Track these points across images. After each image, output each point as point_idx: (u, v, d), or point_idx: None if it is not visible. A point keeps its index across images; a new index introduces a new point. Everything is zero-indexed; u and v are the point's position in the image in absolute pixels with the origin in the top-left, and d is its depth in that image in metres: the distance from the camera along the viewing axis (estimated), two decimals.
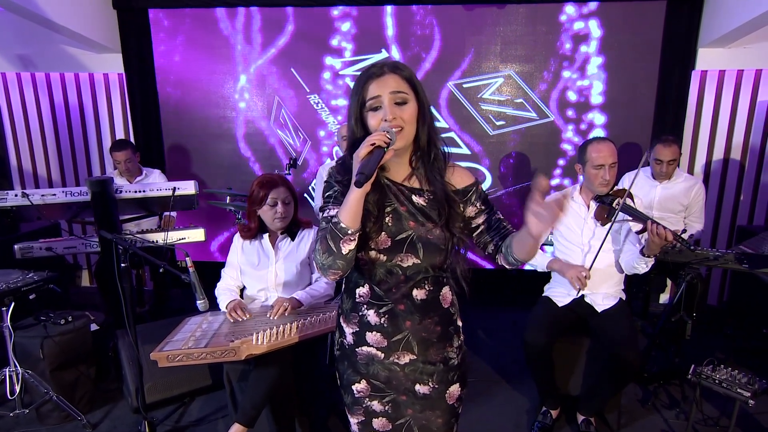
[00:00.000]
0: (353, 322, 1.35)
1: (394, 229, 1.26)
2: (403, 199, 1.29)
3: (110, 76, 4.45)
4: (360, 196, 1.14)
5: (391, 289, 1.29)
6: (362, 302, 1.32)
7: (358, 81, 1.25)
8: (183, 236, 3.21)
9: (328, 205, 1.27)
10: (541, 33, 3.97)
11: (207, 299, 2.10)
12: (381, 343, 1.32)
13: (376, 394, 1.36)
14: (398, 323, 1.30)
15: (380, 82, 1.21)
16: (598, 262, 2.43)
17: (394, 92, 1.21)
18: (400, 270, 1.27)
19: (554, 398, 2.58)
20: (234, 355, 1.92)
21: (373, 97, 1.21)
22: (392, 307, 1.30)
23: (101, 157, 4.63)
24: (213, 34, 4.21)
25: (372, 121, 1.23)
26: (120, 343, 2.77)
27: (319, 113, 4.31)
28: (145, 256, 2.12)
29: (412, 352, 1.32)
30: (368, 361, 1.35)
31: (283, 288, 2.37)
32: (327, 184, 1.32)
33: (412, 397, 1.35)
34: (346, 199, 1.15)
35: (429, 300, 1.31)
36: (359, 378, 1.37)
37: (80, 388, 2.69)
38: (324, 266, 1.21)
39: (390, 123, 1.20)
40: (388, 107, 1.20)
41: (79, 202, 2.93)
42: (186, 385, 2.76)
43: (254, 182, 2.30)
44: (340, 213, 1.16)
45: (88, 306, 3.79)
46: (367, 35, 4.11)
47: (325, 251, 1.19)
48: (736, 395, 2.14)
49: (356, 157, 1.14)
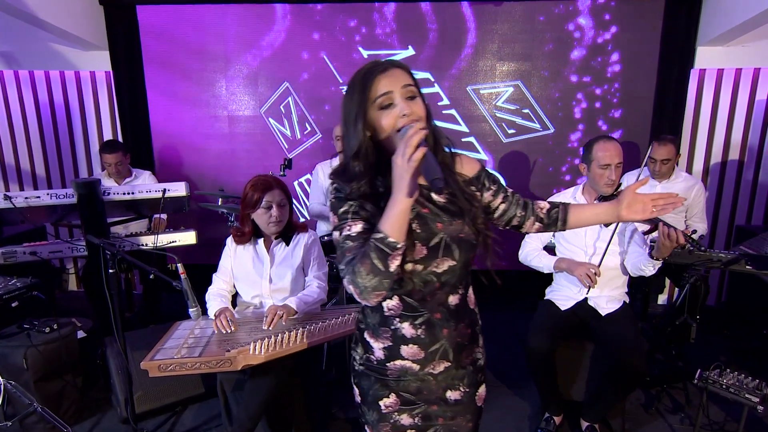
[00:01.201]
0: (384, 337, 1.26)
1: (424, 234, 1.19)
2: (423, 201, 1.22)
3: (97, 74, 4.34)
4: (409, 206, 1.05)
5: (426, 299, 1.22)
6: (393, 315, 1.24)
7: (363, 79, 1.15)
8: (173, 239, 3.13)
9: (345, 222, 1.15)
10: (539, 31, 3.93)
11: (200, 307, 2.02)
12: (417, 355, 1.25)
13: (406, 407, 1.30)
14: (435, 333, 1.24)
15: (389, 76, 1.14)
16: (604, 264, 2.38)
17: (405, 86, 1.14)
18: (435, 277, 1.21)
19: (557, 404, 2.53)
20: (230, 366, 1.84)
21: (383, 93, 1.13)
22: (428, 317, 1.23)
23: (88, 158, 4.51)
24: (204, 30, 4.12)
25: (385, 120, 1.14)
26: (108, 351, 2.68)
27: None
28: (134, 262, 2.03)
29: (448, 359, 1.27)
30: (400, 375, 1.28)
31: (277, 294, 2.29)
32: (337, 199, 1.19)
33: (443, 405, 1.30)
34: (390, 211, 1.06)
35: (461, 304, 1.27)
36: (388, 392, 1.29)
37: (66, 398, 2.60)
38: (366, 289, 1.09)
39: (409, 117, 1.13)
40: (402, 102, 1.13)
41: (65, 205, 2.84)
42: (177, 394, 2.68)
43: (247, 185, 2.22)
44: (384, 227, 1.06)
45: (75, 311, 3.69)
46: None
47: (369, 272, 1.07)
48: (744, 401, 2.10)
49: (400, 162, 1.03)
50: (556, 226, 1.36)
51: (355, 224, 1.14)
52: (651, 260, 2.24)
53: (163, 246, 3.12)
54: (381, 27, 4.04)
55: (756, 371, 2.93)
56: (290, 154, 4.34)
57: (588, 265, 2.38)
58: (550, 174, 4.13)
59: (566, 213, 1.35)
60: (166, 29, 4.12)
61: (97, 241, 2.11)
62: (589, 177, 2.43)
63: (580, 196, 2.52)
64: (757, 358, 3.25)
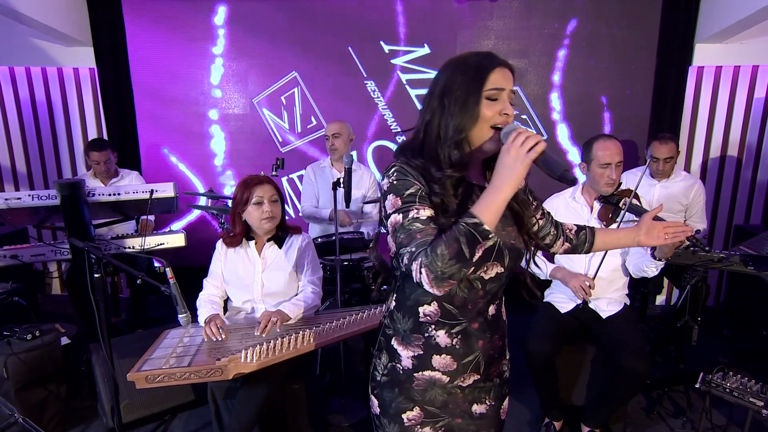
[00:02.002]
0: (415, 345, 1.21)
1: None
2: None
3: (81, 71, 4.26)
4: (510, 195, 1.04)
5: (467, 306, 1.19)
6: (429, 322, 1.20)
7: (481, 63, 1.14)
8: (162, 241, 3.07)
9: (413, 204, 1.09)
10: (535, 28, 3.92)
11: (189, 313, 1.97)
12: (449, 366, 1.21)
13: (429, 420, 1.25)
14: (471, 343, 1.21)
15: (506, 74, 1.14)
16: (603, 266, 2.37)
17: (512, 91, 1.15)
18: (481, 283, 1.18)
19: (557, 409, 2.51)
20: (221, 375, 1.79)
21: (497, 88, 1.12)
22: (466, 326, 1.20)
23: (72, 158, 4.43)
24: (193, 24, 4.05)
25: (489, 110, 1.12)
26: (94, 358, 2.62)
27: (375, 101, 4.13)
28: (120, 266, 1.98)
29: (479, 372, 1.24)
30: (427, 387, 1.23)
31: (269, 299, 2.25)
32: (402, 180, 1.11)
33: (467, 418, 1.27)
34: (491, 198, 1.03)
35: (497, 315, 1.27)
36: (412, 405, 1.24)
37: (49, 407, 2.54)
38: (443, 275, 1.02)
39: (507, 118, 1.13)
40: (507, 102, 1.13)
41: (48, 207, 2.77)
42: (166, 402, 2.62)
43: (237, 185, 2.20)
44: (482, 214, 1.02)
45: (59, 316, 3.63)
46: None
47: (453, 257, 1.00)
48: (748, 404, 2.10)
49: (518, 153, 1.02)
50: (583, 248, 1.44)
51: (424, 208, 1.09)
52: (653, 261, 2.22)
53: (150, 248, 3.06)
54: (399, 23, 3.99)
55: (757, 373, 2.94)
56: (287, 146, 4.28)
57: (583, 277, 2.37)
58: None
59: (594, 236, 1.43)
60: (153, 24, 4.05)
61: (81, 244, 2.05)
62: (589, 176, 2.41)
63: (579, 196, 2.51)
64: (758, 360, 3.25)
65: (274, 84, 4.18)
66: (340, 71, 4.10)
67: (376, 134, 4.18)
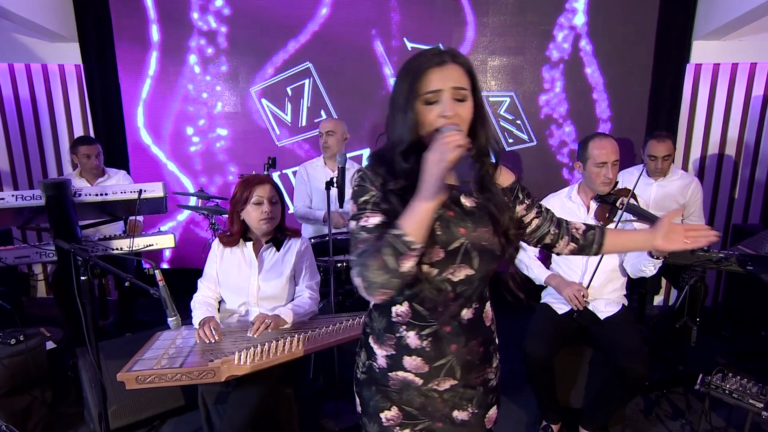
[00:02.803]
0: (388, 344, 1.23)
1: (444, 237, 1.15)
2: (450, 203, 1.18)
3: (66, 67, 4.23)
4: (435, 207, 1.02)
5: (437, 308, 1.19)
6: (400, 322, 1.21)
7: (414, 67, 1.11)
8: (151, 243, 3.05)
9: (364, 212, 1.13)
10: (531, 24, 3.93)
11: (179, 316, 1.95)
12: (421, 368, 1.21)
13: (408, 422, 1.25)
14: (442, 347, 1.21)
15: (442, 73, 1.09)
16: (600, 268, 2.38)
17: (456, 88, 1.09)
18: (450, 286, 1.17)
19: (555, 412, 2.51)
20: (213, 377, 1.79)
21: (432, 91, 1.09)
22: (437, 328, 1.20)
23: (57, 157, 4.40)
24: (183, 19, 4.02)
25: (429, 114, 1.10)
26: (80, 363, 2.60)
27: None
28: (107, 268, 1.96)
29: (454, 377, 1.23)
30: (402, 387, 1.24)
31: (265, 302, 2.23)
32: (360, 187, 1.16)
33: (449, 423, 1.26)
34: (414, 210, 1.03)
35: (475, 319, 1.23)
36: (389, 405, 1.25)
37: (34, 414, 2.51)
38: (373, 285, 1.05)
39: (449, 120, 1.08)
40: (447, 103, 1.09)
41: (32, 207, 2.73)
42: (155, 407, 2.60)
43: (237, 183, 2.19)
44: (405, 224, 1.03)
45: (44, 319, 3.60)
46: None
47: (380, 267, 1.03)
48: (748, 406, 2.11)
49: (433, 161, 1.00)
50: (591, 249, 1.35)
51: (374, 216, 1.11)
52: (651, 260, 2.24)
53: (139, 250, 3.04)
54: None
55: (756, 373, 2.96)
56: (284, 140, 4.25)
57: (576, 286, 2.38)
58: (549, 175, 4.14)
59: (603, 236, 1.34)
60: (141, 19, 4.01)
61: (67, 246, 2.03)
62: (585, 176, 2.42)
63: (575, 195, 2.51)
64: (757, 360, 3.27)
65: (279, 75, 4.12)
66: (361, 66, 4.07)
67: None
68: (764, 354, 3.32)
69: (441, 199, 1.03)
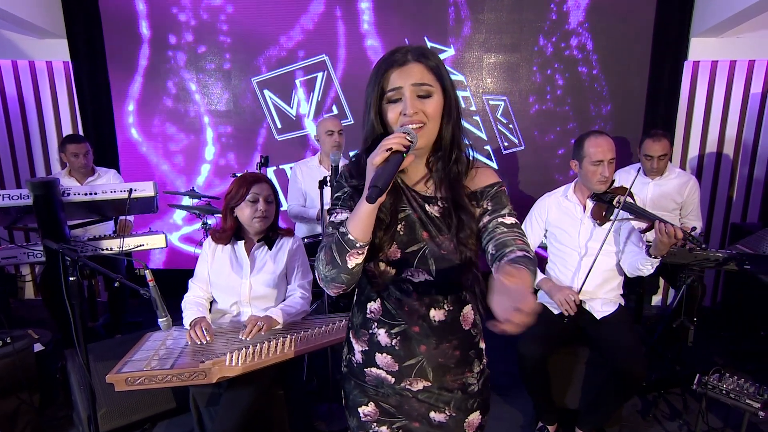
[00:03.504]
0: (363, 340, 1.27)
1: (405, 238, 1.17)
2: (416, 206, 1.20)
3: (54, 64, 4.21)
4: (374, 208, 1.05)
5: (404, 308, 1.20)
6: (373, 319, 1.24)
7: (378, 68, 1.14)
8: (141, 243, 3.04)
9: (335, 209, 1.20)
10: (527, 21, 3.94)
11: (170, 317, 1.96)
12: (392, 366, 1.24)
13: (386, 419, 1.28)
14: (411, 347, 1.22)
15: (403, 71, 1.11)
16: (596, 267, 2.39)
17: (417, 84, 1.11)
18: (412, 286, 1.19)
19: (551, 413, 2.53)
20: (204, 378, 1.79)
21: (393, 89, 1.11)
22: (405, 328, 1.21)
23: (45, 156, 4.38)
24: (173, 12, 4.01)
25: (391, 114, 1.13)
26: (69, 365, 2.59)
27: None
28: (96, 268, 1.96)
29: (426, 378, 1.23)
30: (377, 384, 1.27)
31: (257, 302, 2.24)
32: (337, 183, 1.25)
33: (426, 424, 1.27)
34: (356, 209, 1.07)
35: (448, 321, 1.22)
36: (367, 400, 1.29)
37: (21, 418, 2.50)
38: (326, 278, 1.14)
39: (410, 118, 1.10)
40: (408, 100, 1.10)
41: (20, 207, 2.73)
42: (146, 410, 2.59)
43: (234, 180, 2.20)
44: (348, 223, 1.08)
45: (33, 321, 3.58)
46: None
47: (329, 263, 1.11)
48: (745, 406, 2.13)
49: (370, 163, 1.04)
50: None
51: (342, 212, 1.19)
52: (649, 258, 2.25)
53: (129, 250, 3.04)
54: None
55: (755, 374, 2.98)
56: (284, 135, 4.25)
57: (567, 290, 2.41)
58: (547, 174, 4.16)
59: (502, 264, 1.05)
60: (131, 14, 4.00)
61: (55, 246, 2.03)
62: (581, 174, 2.43)
63: (571, 194, 2.53)
64: (756, 360, 3.30)
65: (287, 67, 4.11)
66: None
67: None
68: (763, 354, 3.35)
69: (381, 199, 1.03)
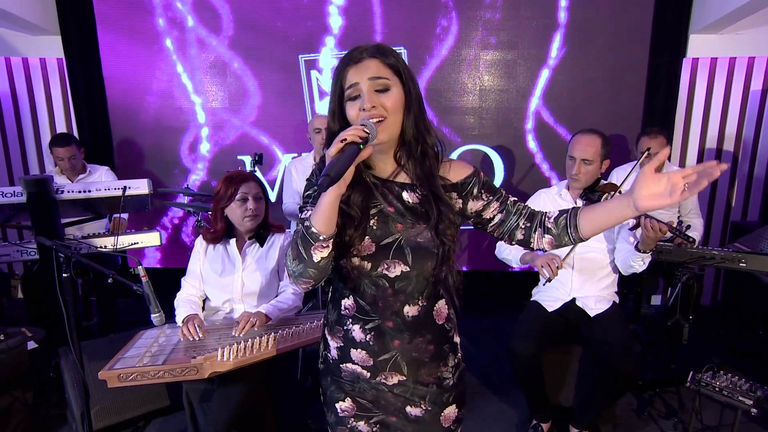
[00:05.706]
0: (338, 336, 1.31)
1: (379, 232, 1.21)
2: (392, 198, 1.24)
3: (48, 61, 4.26)
4: (333, 199, 1.08)
5: (378, 303, 1.24)
6: (347, 315, 1.28)
7: (337, 68, 1.20)
8: (135, 241, 3.09)
9: (306, 206, 1.23)
10: (525, 18, 3.98)
11: (163, 312, 2.01)
12: (366, 362, 1.28)
13: (363, 414, 1.32)
14: (385, 342, 1.26)
15: (359, 68, 1.16)
16: (588, 261, 2.45)
17: (374, 78, 1.15)
18: (387, 282, 1.22)
19: (545, 411, 2.58)
20: (196, 373, 1.84)
21: (351, 85, 1.17)
22: (379, 323, 1.25)
23: (39, 153, 4.43)
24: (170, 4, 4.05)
25: (351, 111, 1.18)
26: (63, 363, 2.63)
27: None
28: (90, 265, 2.01)
29: (401, 372, 1.28)
30: (353, 379, 1.31)
31: (249, 299, 2.29)
32: (308, 182, 1.28)
33: (403, 418, 1.31)
34: (318, 202, 1.10)
35: (421, 317, 1.26)
36: (344, 396, 1.33)
37: (14, 416, 2.54)
38: (294, 273, 1.16)
39: (369, 113, 1.15)
40: (366, 94, 1.15)
41: (13, 204, 2.78)
42: (139, 407, 2.64)
43: (221, 179, 2.25)
44: (312, 217, 1.11)
45: (26, 320, 3.62)
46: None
47: (295, 257, 1.14)
48: (738, 403, 2.18)
49: (327, 155, 1.07)
50: (569, 236, 1.23)
51: (311, 209, 1.19)
52: (638, 254, 2.30)
53: (123, 248, 3.08)
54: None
55: (754, 374, 3.02)
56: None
57: (551, 255, 2.37)
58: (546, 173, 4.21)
59: (576, 217, 1.22)
60: (125, 10, 4.04)
61: (48, 242, 2.08)
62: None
63: (565, 192, 2.57)
64: (755, 360, 3.34)
65: (247, 92, 4.16)
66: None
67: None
68: (762, 354, 3.39)
69: (339, 191, 1.07)
